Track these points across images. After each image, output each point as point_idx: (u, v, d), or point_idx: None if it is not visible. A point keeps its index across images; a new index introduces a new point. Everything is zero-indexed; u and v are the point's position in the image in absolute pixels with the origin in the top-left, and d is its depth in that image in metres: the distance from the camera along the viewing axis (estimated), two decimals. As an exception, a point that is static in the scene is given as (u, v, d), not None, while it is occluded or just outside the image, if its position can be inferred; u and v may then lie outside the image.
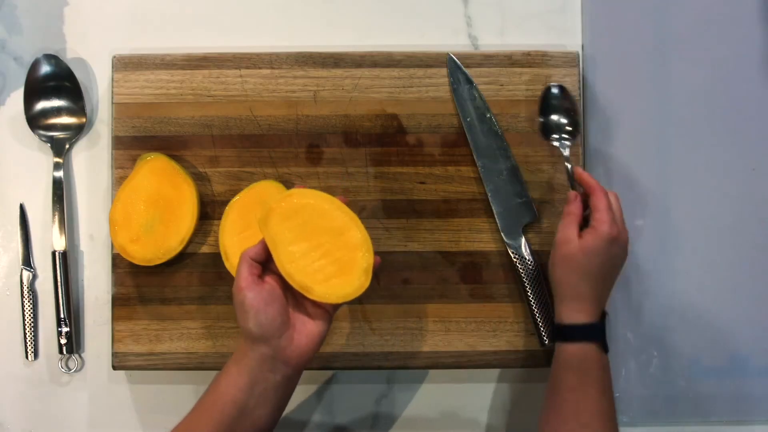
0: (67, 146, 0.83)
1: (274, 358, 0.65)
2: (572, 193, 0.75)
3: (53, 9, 0.85)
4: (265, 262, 0.68)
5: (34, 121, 0.83)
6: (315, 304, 0.68)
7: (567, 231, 0.73)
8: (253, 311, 0.65)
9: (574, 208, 0.75)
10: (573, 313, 0.72)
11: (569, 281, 0.73)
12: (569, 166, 0.78)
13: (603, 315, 0.74)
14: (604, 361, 0.72)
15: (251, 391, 0.65)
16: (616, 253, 0.73)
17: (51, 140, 0.83)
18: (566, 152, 0.79)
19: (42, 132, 0.83)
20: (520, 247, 0.79)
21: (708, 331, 0.83)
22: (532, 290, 0.79)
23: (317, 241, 0.68)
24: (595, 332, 0.72)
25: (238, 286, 0.66)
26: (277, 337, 0.65)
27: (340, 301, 0.67)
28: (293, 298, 0.68)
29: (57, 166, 0.83)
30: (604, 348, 0.73)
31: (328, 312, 0.68)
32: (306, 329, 0.67)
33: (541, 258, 0.80)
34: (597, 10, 0.84)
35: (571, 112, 0.80)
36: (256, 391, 0.65)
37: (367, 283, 0.67)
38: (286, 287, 0.67)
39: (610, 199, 0.74)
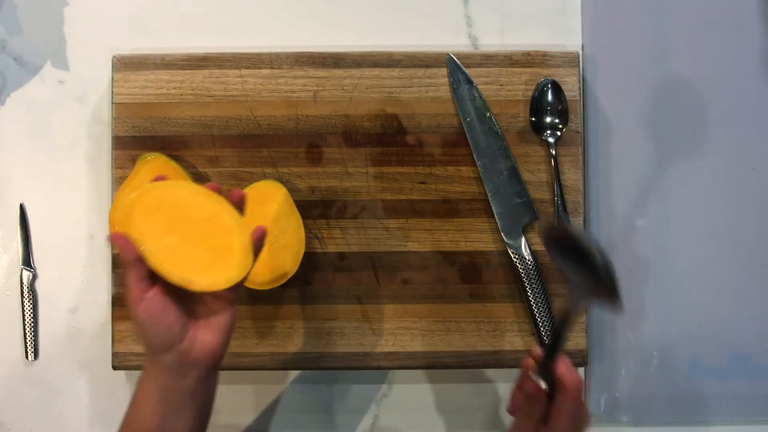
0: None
1: (180, 364, 0.63)
2: (533, 388, 0.65)
3: (53, 9, 0.85)
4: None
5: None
6: (213, 296, 0.64)
7: None
8: (147, 323, 0.62)
9: (535, 410, 0.65)
10: None
11: None
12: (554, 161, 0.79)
13: None
14: None
15: (166, 402, 0.63)
16: None
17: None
18: (551, 140, 0.80)
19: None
20: (520, 247, 0.79)
21: (708, 331, 0.83)
22: (532, 290, 0.79)
23: (188, 232, 0.63)
24: None
25: (128, 301, 0.62)
26: (179, 343, 0.62)
27: (227, 285, 0.63)
28: (189, 296, 0.64)
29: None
30: None
31: (228, 300, 0.64)
32: (209, 325, 0.64)
33: (541, 258, 0.80)
34: (597, 10, 0.85)
35: (557, 106, 0.80)
36: (171, 401, 0.63)
37: (249, 261, 0.64)
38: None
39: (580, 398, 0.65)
